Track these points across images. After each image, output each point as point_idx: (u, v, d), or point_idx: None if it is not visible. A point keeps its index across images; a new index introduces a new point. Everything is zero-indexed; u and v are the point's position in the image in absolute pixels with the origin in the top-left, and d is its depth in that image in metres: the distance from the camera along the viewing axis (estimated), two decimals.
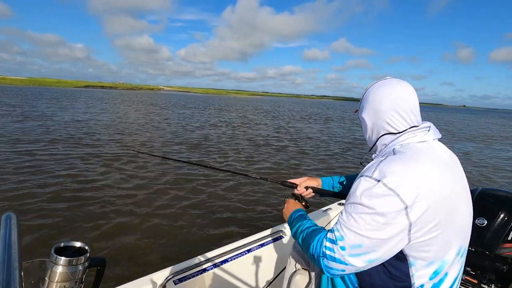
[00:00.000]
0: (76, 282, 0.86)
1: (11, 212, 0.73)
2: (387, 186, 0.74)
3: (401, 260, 0.81)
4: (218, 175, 6.84)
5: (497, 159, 11.42)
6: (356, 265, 0.77)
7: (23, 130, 11.10)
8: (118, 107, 26.77)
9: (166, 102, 42.67)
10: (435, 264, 0.80)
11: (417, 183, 0.75)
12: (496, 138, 19.82)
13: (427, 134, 0.90)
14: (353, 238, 0.76)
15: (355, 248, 0.76)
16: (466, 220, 0.84)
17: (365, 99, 1.00)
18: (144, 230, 4.08)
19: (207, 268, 1.63)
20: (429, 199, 0.75)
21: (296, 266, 1.46)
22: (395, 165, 0.79)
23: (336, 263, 0.79)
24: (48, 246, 0.84)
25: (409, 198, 0.73)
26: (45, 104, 24.86)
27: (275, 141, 12.08)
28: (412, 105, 0.93)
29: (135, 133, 12.44)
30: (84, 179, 6.00)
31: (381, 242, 0.75)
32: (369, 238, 0.75)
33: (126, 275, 2.85)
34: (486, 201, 1.58)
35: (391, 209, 0.73)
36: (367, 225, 0.75)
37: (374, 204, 0.74)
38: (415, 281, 0.81)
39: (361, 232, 0.75)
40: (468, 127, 28.40)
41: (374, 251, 0.76)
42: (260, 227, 4.27)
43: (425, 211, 0.74)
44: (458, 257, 0.83)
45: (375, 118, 0.96)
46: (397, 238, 0.75)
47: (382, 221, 0.73)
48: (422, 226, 0.75)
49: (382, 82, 0.98)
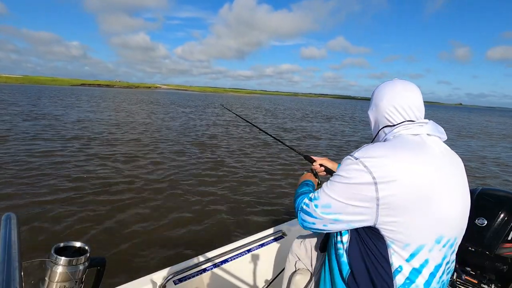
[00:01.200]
0: (76, 282, 0.86)
1: (11, 212, 0.73)
2: (363, 164, 0.84)
3: (381, 241, 0.87)
4: (218, 173, 6.84)
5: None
6: (324, 220, 0.91)
7: (22, 129, 11.06)
8: (121, 105, 26.73)
9: (167, 100, 42.67)
10: (410, 247, 0.83)
11: (391, 166, 0.82)
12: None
13: (421, 128, 0.94)
14: (325, 199, 0.91)
15: (325, 208, 0.90)
16: (451, 213, 0.86)
17: (371, 98, 1.10)
18: (144, 230, 4.08)
19: (207, 268, 1.62)
20: (401, 183, 0.81)
21: (296, 266, 1.46)
22: (377, 149, 0.87)
23: (308, 217, 0.95)
24: (48, 246, 0.84)
25: (381, 177, 0.82)
26: (48, 102, 24.81)
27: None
28: (410, 101, 0.99)
29: (137, 132, 12.41)
30: (84, 179, 5.98)
31: (347, 207, 0.87)
32: (338, 201, 0.88)
33: (126, 275, 2.84)
34: (486, 201, 1.59)
35: (362, 181, 0.83)
36: (339, 191, 0.88)
37: (349, 175, 0.86)
38: (393, 261, 0.85)
39: (333, 195, 0.89)
40: (469, 126, 28.53)
41: (340, 213, 0.88)
42: (260, 227, 4.27)
43: (394, 192, 0.81)
44: (439, 246, 0.85)
45: (376, 113, 1.06)
46: (362, 207, 0.85)
47: (353, 190, 0.85)
48: (391, 206, 0.82)
49: (387, 82, 1.08)
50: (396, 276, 0.85)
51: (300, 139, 13.24)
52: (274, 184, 6.47)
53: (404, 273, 0.84)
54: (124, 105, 27.75)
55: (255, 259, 1.83)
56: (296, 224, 2.18)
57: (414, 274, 0.84)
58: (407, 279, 0.84)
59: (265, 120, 21.13)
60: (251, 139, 12.12)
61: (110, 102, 31.66)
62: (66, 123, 13.56)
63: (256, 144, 11.15)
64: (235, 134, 13.30)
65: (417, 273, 0.85)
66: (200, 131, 13.69)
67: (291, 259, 1.48)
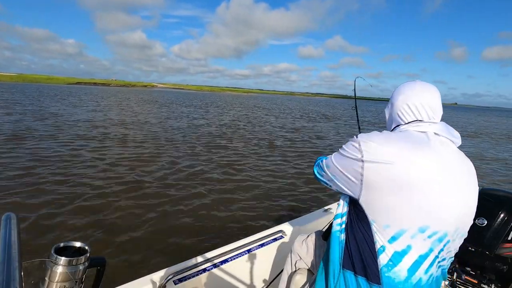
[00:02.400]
0: (76, 282, 0.86)
1: (11, 212, 0.73)
2: (359, 144, 0.93)
3: (365, 220, 0.93)
4: (218, 173, 6.82)
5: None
6: (327, 175, 1.07)
7: (22, 128, 10.99)
8: (122, 104, 26.62)
9: (166, 100, 42.55)
10: (391, 229, 0.88)
11: (384, 152, 0.88)
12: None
13: (429, 127, 0.96)
14: (329, 161, 1.06)
15: (327, 167, 1.06)
16: (440, 206, 0.87)
17: (391, 96, 1.15)
18: (144, 230, 4.07)
19: (207, 268, 1.62)
20: (387, 166, 0.86)
21: (296, 266, 1.46)
22: (379, 136, 0.94)
23: (319, 169, 1.13)
24: (48, 246, 0.83)
25: (369, 158, 0.89)
26: (50, 102, 24.65)
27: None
28: (424, 100, 1.02)
29: (137, 130, 12.36)
30: (83, 178, 5.95)
31: (339, 173, 0.99)
32: (335, 166, 1.01)
33: (126, 275, 2.84)
34: (486, 201, 1.59)
35: (352, 156, 0.94)
36: (337, 158, 1.01)
37: (347, 149, 0.97)
38: (377, 240, 0.90)
39: (333, 160, 1.03)
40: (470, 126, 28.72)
41: (334, 176, 1.02)
42: (260, 227, 4.28)
43: (379, 173, 0.87)
44: (422, 235, 0.87)
45: (391, 110, 1.11)
46: (348, 179, 0.95)
47: (345, 160, 0.97)
48: (374, 185, 0.89)
49: (408, 81, 1.11)
50: (380, 255, 0.89)
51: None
52: (275, 184, 6.48)
53: (387, 253, 0.88)
54: (125, 104, 27.66)
55: (255, 259, 1.83)
56: (296, 224, 2.18)
57: (396, 257, 0.87)
58: (390, 261, 0.88)
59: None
60: (253, 139, 12.14)
61: (111, 101, 31.60)
62: (73, 122, 13.51)
63: (258, 144, 11.17)
64: (238, 135, 13.25)
65: (400, 257, 0.87)
66: (202, 131, 13.66)
67: (291, 259, 1.48)
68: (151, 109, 24.02)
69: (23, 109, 17.50)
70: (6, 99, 25.19)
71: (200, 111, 25.88)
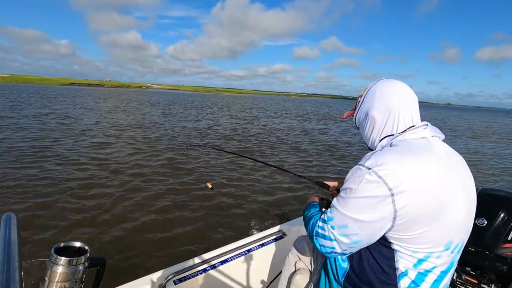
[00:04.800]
0: (76, 282, 0.86)
1: (11, 212, 0.73)
2: (377, 174, 0.77)
3: (386, 246, 0.84)
4: (218, 173, 6.80)
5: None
6: (344, 244, 0.83)
7: (21, 128, 10.88)
8: (121, 106, 26.49)
9: (164, 100, 42.35)
10: (419, 254, 0.81)
11: (406, 174, 0.77)
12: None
13: (425, 131, 0.90)
14: (340, 218, 0.82)
15: (342, 228, 0.82)
16: (459, 216, 0.83)
17: (365, 99, 1.01)
18: (144, 230, 4.05)
19: (207, 268, 1.61)
20: (416, 191, 0.76)
21: (296, 266, 1.45)
22: (388, 156, 0.81)
23: (327, 241, 0.85)
24: (48, 246, 0.82)
25: (397, 187, 0.75)
26: (51, 103, 24.41)
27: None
28: (410, 102, 0.94)
29: (137, 131, 12.28)
30: (84, 179, 5.91)
31: (365, 224, 0.79)
32: (354, 219, 0.79)
33: (126, 275, 2.82)
34: (486, 201, 1.59)
35: (377, 194, 0.76)
36: (354, 208, 0.80)
37: (363, 189, 0.78)
38: (399, 266, 0.83)
39: (347, 213, 0.80)
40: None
41: (358, 233, 0.80)
42: (260, 227, 4.29)
43: (410, 201, 0.76)
44: (447, 252, 0.83)
45: (371, 122, 0.97)
46: (380, 223, 0.78)
47: (368, 205, 0.78)
48: (407, 216, 0.77)
49: (374, 86, 0.99)
50: (401, 279, 0.83)
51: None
52: (275, 184, 6.47)
53: (410, 276, 0.83)
54: (123, 106, 27.45)
55: (255, 259, 1.82)
56: (296, 224, 2.17)
57: (420, 277, 0.83)
58: (412, 283, 0.83)
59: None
60: (253, 139, 12.13)
61: (109, 103, 31.35)
62: (73, 122, 13.38)
63: (259, 144, 11.17)
64: (238, 135, 13.22)
65: (423, 277, 0.83)
66: (202, 131, 13.62)
67: (291, 259, 1.47)
68: (151, 109, 23.93)
69: (20, 107, 17.33)
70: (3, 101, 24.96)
71: (201, 112, 25.99)
